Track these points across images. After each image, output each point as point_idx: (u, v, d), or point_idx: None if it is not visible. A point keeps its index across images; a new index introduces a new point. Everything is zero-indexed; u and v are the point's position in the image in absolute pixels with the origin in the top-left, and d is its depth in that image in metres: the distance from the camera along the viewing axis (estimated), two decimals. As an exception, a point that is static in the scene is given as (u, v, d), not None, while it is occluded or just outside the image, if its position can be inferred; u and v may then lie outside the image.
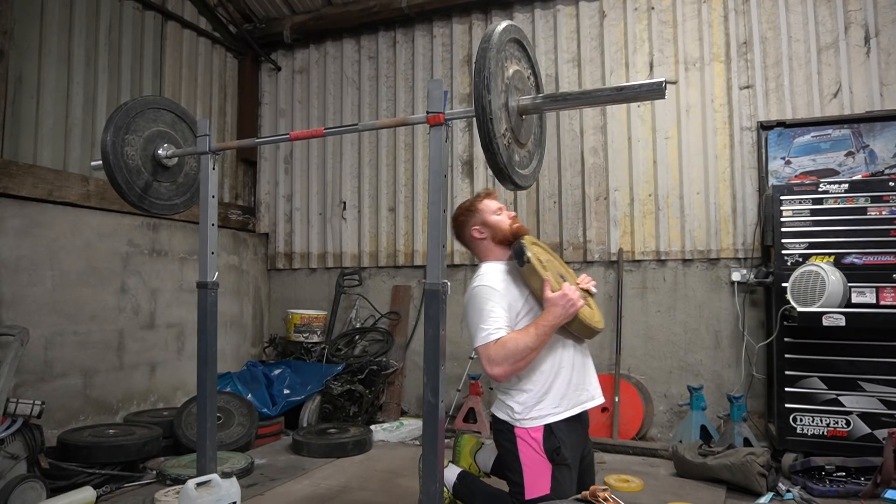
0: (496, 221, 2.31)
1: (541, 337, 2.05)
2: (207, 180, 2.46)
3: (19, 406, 2.72)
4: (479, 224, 2.33)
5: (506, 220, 2.33)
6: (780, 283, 3.26)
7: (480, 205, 2.35)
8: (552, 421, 2.12)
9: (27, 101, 3.60)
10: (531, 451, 2.11)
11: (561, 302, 2.06)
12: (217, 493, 2.33)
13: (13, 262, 3.39)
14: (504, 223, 2.31)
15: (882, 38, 3.69)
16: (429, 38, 4.88)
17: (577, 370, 2.20)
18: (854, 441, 3.05)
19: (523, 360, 2.05)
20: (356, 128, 2.24)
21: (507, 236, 2.28)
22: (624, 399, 3.94)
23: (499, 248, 2.31)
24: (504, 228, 2.30)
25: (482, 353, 2.09)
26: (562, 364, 2.17)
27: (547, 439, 2.10)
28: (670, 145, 4.13)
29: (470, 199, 2.43)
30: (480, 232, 2.33)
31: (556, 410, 2.14)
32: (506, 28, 1.88)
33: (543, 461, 2.10)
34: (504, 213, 2.35)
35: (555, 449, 2.10)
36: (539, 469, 2.10)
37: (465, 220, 2.37)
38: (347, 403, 4.32)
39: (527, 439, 2.12)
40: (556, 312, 2.06)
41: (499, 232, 2.30)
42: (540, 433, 2.11)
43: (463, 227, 2.38)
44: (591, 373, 2.27)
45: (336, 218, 5.15)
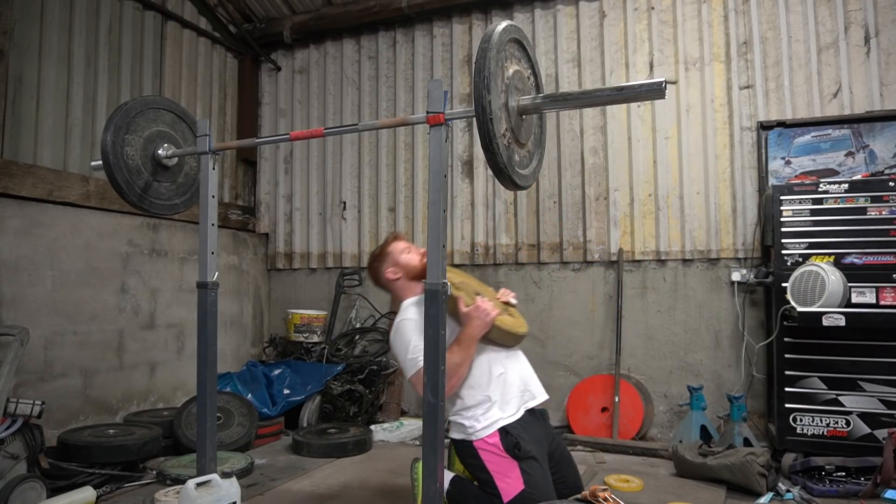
0: (406, 260, 2.48)
1: (464, 350, 2.19)
2: (207, 180, 2.46)
3: (19, 406, 2.72)
4: (391, 266, 2.49)
5: (415, 257, 2.49)
6: (780, 283, 3.25)
7: (389, 248, 2.52)
8: (504, 424, 2.25)
9: (27, 101, 3.60)
10: (494, 455, 2.22)
11: (475, 314, 2.20)
12: (217, 493, 2.33)
13: (13, 262, 3.39)
14: (414, 260, 2.48)
15: (882, 38, 3.69)
16: (429, 38, 4.88)
17: (514, 374, 2.35)
18: (854, 441, 3.05)
19: (455, 377, 2.18)
20: (356, 128, 2.24)
21: (419, 271, 2.42)
22: (624, 399, 3.94)
23: (414, 283, 2.46)
24: (415, 265, 2.46)
25: (415, 381, 2.22)
26: (497, 372, 2.31)
27: (504, 440, 2.22)
28: (670, 145, 4.13)
29: (379, 246, 2.60)
30: (394, 273, 2.48)
31: (504, 415, 2.27)
32: (506, 28, 1.88)
33: (508, 460, 2.21)
34: (413, 251, 2.51)
35: (514, 445, 2.21)
36: (506, 469, 2.20)
37: (378, 265, 2.53)
38: (347, 403, 4.32)
39: (486, 447, 2.24)
40: (474, 324, 2.20)
41: (411, 269, 2.46)
42: (496, 437, 2.23)
43: (377, 271, 2.53)
44: (529, 374, 2.44)
45: (336, 218, 5.15)
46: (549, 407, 4.26)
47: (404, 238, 2.60)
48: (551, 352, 4.36)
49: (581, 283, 4.33)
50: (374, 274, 2.57)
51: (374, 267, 2.56)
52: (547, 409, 2.54)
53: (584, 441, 3.84)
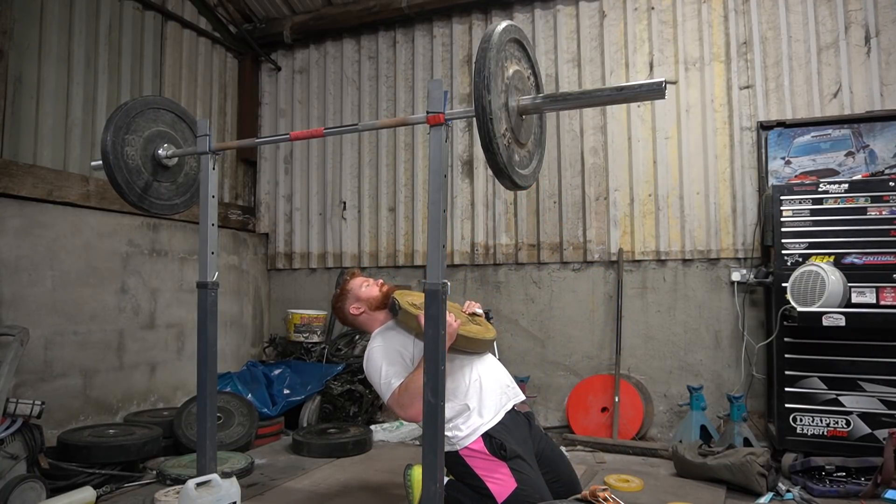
0: (367, 293, 2.56)
1: None
2: (207, 180, 2.46)
3: (19, 406, 2.72)
4: (353, 302, 2.57)
5: (374, 289, 2.57)
6: (780, 283, 3.25)
7: (348, 286, 2.60)
8: (486, 429, 2.28)
9: (27, 101, 3.60)
10: (481, 460, 2.25)
11: None
12: (217, 493, 2.33)
13: (13, 262, 3.39)
14: (374, 291, 2.56)
15: (882, 38, 3.69)
16: (429, 38, 4.88)
17: (489, 379, 2.38)
18: (854, 441, 3.05)
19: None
20: (356, 128, 2.24)
21: (381, 301, 2.53)
22: (624, 399, 3.94)
23: (379, 313, 2.55)
24: (375, 296, 2.55)
25: (393, 403, 2.28)
26: (471, 380, 2.34)
27: (488, 444, 2.26)
28: (670, 145, 4.13)
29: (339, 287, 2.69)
30: (357, 308, 2.56)
31: (484, 420, 2.30)
32: (506, 28, 1.88)
33: (496, 462, 2.23)
34: (371, 284, 2.58)
35: (499, 447, 2.24)
36: (496, 471, 2.23)
37: (341, 304, 2.60)
38: (347, 403, 4.32)
39: (472, 455, 2.27)
40: None
41: (372, 301, 2.54)
42: (480, 443, 2.27)
43: (342, 311, 2.61)
44: (503, 376, 2.47)
45: (336, 218, 5.15)
46: (549, 407, 4.29)
47: (360, 274, 2.70)
48: (551, 352, 4.36)
49: (581, 283, 4.33)
50: (340, 314, 2.64)
51: (337, 307, 2.63)
52: (546, 409, 2.55)
53: (584, 441, 3.84)
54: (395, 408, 2.28)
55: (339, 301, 2.62)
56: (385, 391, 2.31)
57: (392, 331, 2.45)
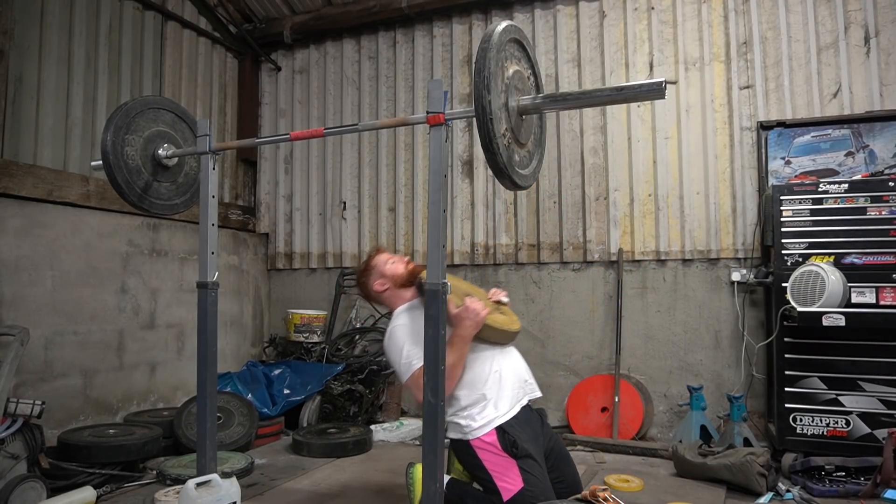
0: (392, 269, 2.53)
1: (457, 350, 2.20)
2: (207, 180, 2.46)
3: (19, 406, 2.72)
4: (378, 278, 2.54)
5: (400, 266, 2.55)
6: (780, 283, 3.25)
7: (373, 262, 2.58)
8: (501, 422, 2.26)
9: (27, 101, 3.60)
10: (491, 454, 2.23)
11: (465, 314, 2.22)
12: (217, 493, 2.33)
13: (13, 262, 3.39)
14: (399, 268, 2.54)
15: (882, 38, 3.69)
16: (429, 38, 4.88)
17: (509, 371, 2.36)
18: (854, 441, 3.05)
19: (450, 378, 2.17)
20: (356, 128, 2.24)
21: (406, 279, 2.51)
22: (624, 399, 3.94)
23: (403, 290, 2.52)
24: (401, 273, 2.52)
25: (412, 383, 2.25)
26: (492, 370, 2.32)
27: (501, 438, 2.23)
28: (670, 145, 4.13)
29: (363, 262, 2.66)
30: (382, 284, 2.54)
31: (500, 413, 2.28)
32: (506, 28, 1.88)
33: (506, 459, 2.21)
34: (396, 261, 2.56)
35: (511, 443, 2.22)
36: (505, 468, 2.21)
37: (365, 280, 2.59)
38: (347, 403, 4.32)
39: (483, 446, 2.24)
40: (465, 325, 2.22)
41: (397, 278, 2.52)
42: (493, 436, 2.24)
43: (366, 286, 2.59)
44: (523, 370, 2.45)
45: (336, 218, 5.15)
46: (549, 407, 4.29)
47: (386, 250, 2.68)
48: (551, 352, 4.36)
49: (581, 283, 4.33)
50: (364, 289, 2.63)
51: (362, 282, 2.61)
52: (546, 409, 2.55)
53: (584, 441, 3.84)
54: (413, 389, 2.26)
55: (363, 276, 2.60)
56: (404, 371, 2.28)
57: (417, 310, 2.36)
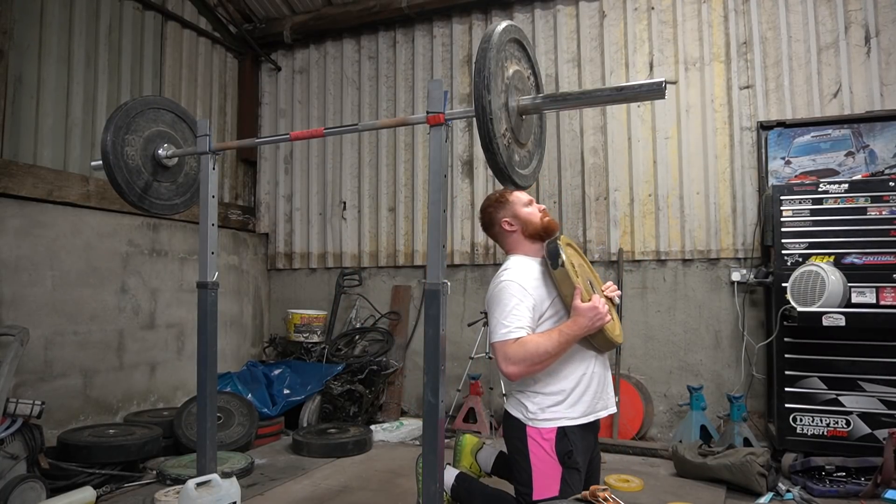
0: (527, 214, 2.25)
1: (562, 344, 2.01)
2: (207, 180, 2.46)
3: (19, 406, 2.72)
4: (509, 216, 2.26)
5: (537, 214, 2.26)
6: (780, 283, 3.25)
7: (511, 196, 2.29)
8: (567, 425, 2.09)
9: (27, 101, 3.60)
10: (542, 451, 2.08)
11: (589, 314, 2.01)
12: (217, 493, 2.33)
13: (13, 262, 3.39)
14: (535, 216, 2.25)
15: (882, 38, 3.69)
16: (429, 38, 4.88)
17: (596, 380, 2.17)
18: (854, 441, 3.05)
19: (540, 364, 2.02)
20: (356, 128, 2.24)
21: (538, 230, 2.23)
22: (624, 399, 3.94)
23: (528, 241, 2.25)
24: (535, 222, 2.24)
25: (499, 349, 2.05)
26: (583, 372, 2.13)
27: (559, 441, 2.07)
28: (670, 145, 4.13)
29: (499, 191, 2.35)
30: (511, 224, 2.26)
31: (570, 415, 2.10)
32: (506, 28, 1.88)
33: (554, 463, 2.06)
34: (534, 206, 2.29)
35: (567, 452, 2.06)
36: (549, 471, 2.07)
37: (493, 211, 2.29)
38: (347, 403, 4.32)
39: (538, 440, 2.08)
40: (583, 323, 2.01)
41: (530, 225, 2.23)
42: (553, 434, 2.08)
43: (492, 218, 2.30)
44: (608, 383, 2.24)
45: (336, 218, 5.15)
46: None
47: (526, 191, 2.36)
48: (551, 352, 4.36)
49: (581, 283, 4.32)
50: (488, 220, 2.32)
51: (488, 212, 2.31)
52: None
53: (584, 441, 3.83)
54: (499, 355, 2.06)
55: (493, 206, 2.30)
56: (500, 333, 2.05)
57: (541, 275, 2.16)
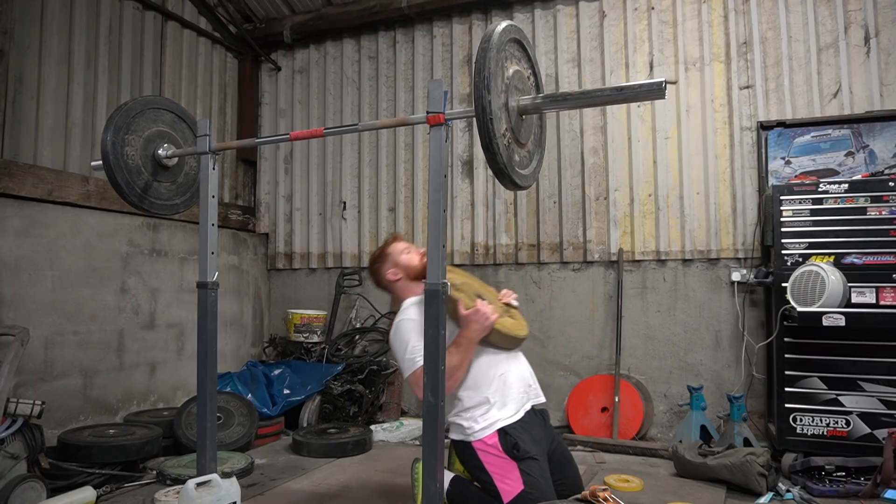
0: (406, 260, 2.50)
1: (462, 353, 2.18)
2: (207, 180, 2.46)
3: (19, 406, 2.72)
4: (391, 267, 2.51)
5: (415, 257, 2.50)
6: (780, 283, 3.25)
7: (389, 249, 2.54)
8: (503, 425, 2.25)
9: (27, 101, 3.60)
10: (492, 457, 2.22)
11: (474, 317, 2.20)
12: (217, 493, 2.33)
13: (13, 262, 3.39)
14: (414, 260, 2.50)
15: (882, 38, 3.69)
16: (429, 38, 4.88)
17: (514, 376, 2.35)
18: (854, 441, 3.05)
19: (451, 379, 2.16)
20: (356, 128, 2.24)
21: (419, 271, 2.45)
22: (624, 399, 3.94)
23: (415, 284, 2.47)
24: (415, 265, 2.48)
25: (412, 380, 2.23)
26: (497, 373, 2.31)
27: (503, 440, 2.23)
28: (670, 145, 4.13)
29: (379, 247, 2.61)
30: (395, 273, 2.50)
31: (503, 416, 2.27)
32: (506, 28, 1.88)
33: (507, 461, 2.20)
34: (412, 252, 2.52)
35: (513, 446, 2.21)
36: (506, 470, 2.20)
37: (378, 266, 2.55)
38: (347, 403, 4.32)
39: (485, 448, 2.23)
40: (473, 327, 2.20)
41: (411, 269, 2.48)
42: (495, 438, 2.23)
43: (378, 273, 2.55)
44: (528, 375, 2.44)
45: (336, 218, 5.15)
46: (549, 407, 4.25)
47: (403, 239, 2.63)
48: (551, 352, 4.36)
49: (581, 283, 4.33)
50: (375, 276, 2.59)
51: (374, 268, 2.57)
52: (546, 409, 2.54)
53: (584, 441, 3.84)
54: (413, 386, 2.24)
55: (376, 262, 2.56)
56: (408, 367, 2.25)
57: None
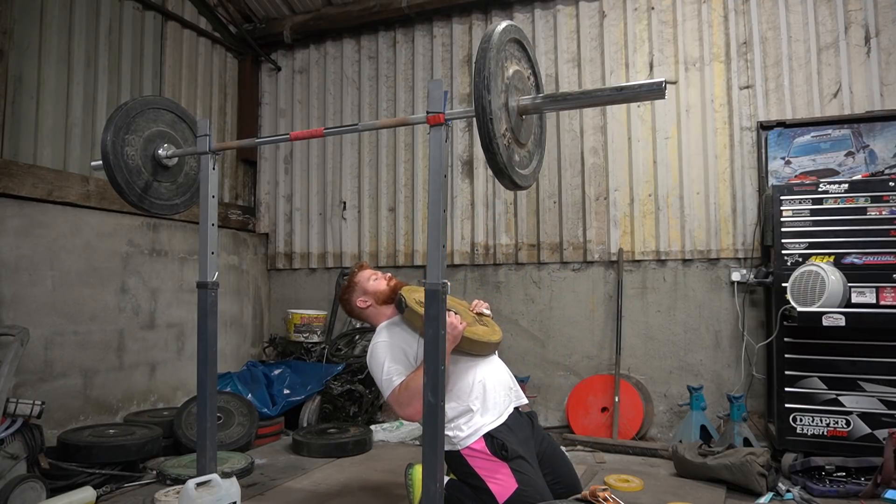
0: (374, 286, 2.56)
1: None
2: (207, 180, 2.46)
3: (19, 406, 2.72)
4: (360, 295, 2.57)
5: (382, 283, 2.57)
6: (780, 283, 3.25)
7: (356, 279, 2.60)
8: (489, 429, 2.28)
9: (27, 101, 3.60)
10: (482, 461, 2.25)
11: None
12: (217, 493, 2.33)
13: (13, 262, 3.39)
14: (381, 285, 2.56)
15: (882, 38, 3.69)
16: (429, 38, 4.88)
17: (493, 381, 2.38)
18: (854, 441, 3.05)
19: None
20: (356, 128, 2.24)
21: (388, 295, 2.52)
22: (624, 399, 3.94)
23: (386, 307, 2.54)
24: (382, 290, 2.54)
25: (392, 401, 2.28)
26: (475, 381, 2.34)
27: (490, 443, 2.26)
28: (670, 145, 4.13)
29: (346, 279, 2.67)
30: (364, 301, 2.56)
31: (486, 421, 2.30)
32: (506, 28, 1.88)
33: (497, 462, 2.23)
34: (379, 278, 2.58)
35: (501, 447, 2.24)
36: (497, 471, 2.22)
37: (348, 297, 2.60)
38: (347, 403, 4.32)
39: (474, 455, 2.27)
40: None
41: (379, 294, 2.54)
42: (482, 443, 2.27)
43: (349, 303, 2.60)
44: (507, 378, 2.47)
45: (336, 218, 5.15)
46: (549, 407, 4.29)
47: (368, 266, 2.69)
48: (551, 352, 4.36)
49: (581, 283, 4.33)
50: (347, 306, 2.64)
51: (345, 300, 2.62)
52: (546, 409, 2.55)
53: (584, 441, 3.84)
54: (394, 405, 2.29)
55: (346, 293, 2.62)
56: (386, 388, 2.31)
57: (398, 327, 2.45)
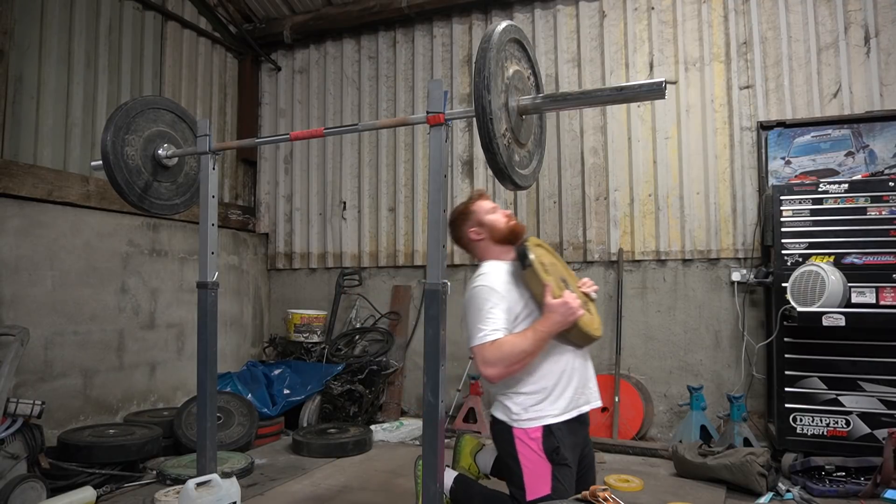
0: (492, 220, 2.31)
1: (537, 342, 2.05)
2: (207, 180, 2.46)
3: (19, 406, 2.72)
4: (475, 225, 2.33)
5: (501, 219, 2.33)
6: (780, 283, 3.26)
7: (474, 206, 2.36)
8: (551, 422, 2.12)
9: (27, 101, 3.60)
10: (530, 451, 2.10)
11: (561, 310, 2.04)
12: (217, 493, 2.34)
13: (13, 262, 3.39)
14: (500, 221, 2.32)
15: (882, 38, 3.69)
16: (429, 38, 4.88)
17: (577, 374, 2.19)
18: (854, 441, 3.05)
19: (518, 364, 2.05)
20: (356, 128, 2.24)
21: (504, 235, 2.30)
22: (624, 399, 3.94)
23: (497, 246, 2.31)
24: (501, 227, 2.30)
25: (478, 353, 2.09)
26: (562, 368, 2.16)
27: (546, 439, 2.10)
28: (670, 145, 4.13)
29: (463, 202, 2.42)
30: (478, 233, 2.33)
31: (554, 412, 2.13)
32: (506, 28, 1.88)
33: (543, 461, 2.09)
34: (499, 212, 2.35)
35: (554, 449, 2.09)
36: (539, 470, 2.09)
37: (460, 223, 2.37)
38: (347, 403, 4.32)
39: (525, 440, 2.11)
40: (555, 319, 2.04)
41: (496, 231, 2.30)
42: (539, 433, 2.10)
43: (459, 229, 2.37)
44: (590, 376, 2.27)
45: (336, 218, 5.15)
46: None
47: (489, 197, 2.42)
48: (551, 352, 4.36)
49: (581, 283, 4.32)
50: (456, 232, 2.39)
51: (455, 225, 2.38)
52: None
53: (584, 441, 3.83)
54: (478, 359, 2.09)
55: (458, 219, 2.37)
56: (477, 337, 2.09)
57: (512, 277, 2.20)
